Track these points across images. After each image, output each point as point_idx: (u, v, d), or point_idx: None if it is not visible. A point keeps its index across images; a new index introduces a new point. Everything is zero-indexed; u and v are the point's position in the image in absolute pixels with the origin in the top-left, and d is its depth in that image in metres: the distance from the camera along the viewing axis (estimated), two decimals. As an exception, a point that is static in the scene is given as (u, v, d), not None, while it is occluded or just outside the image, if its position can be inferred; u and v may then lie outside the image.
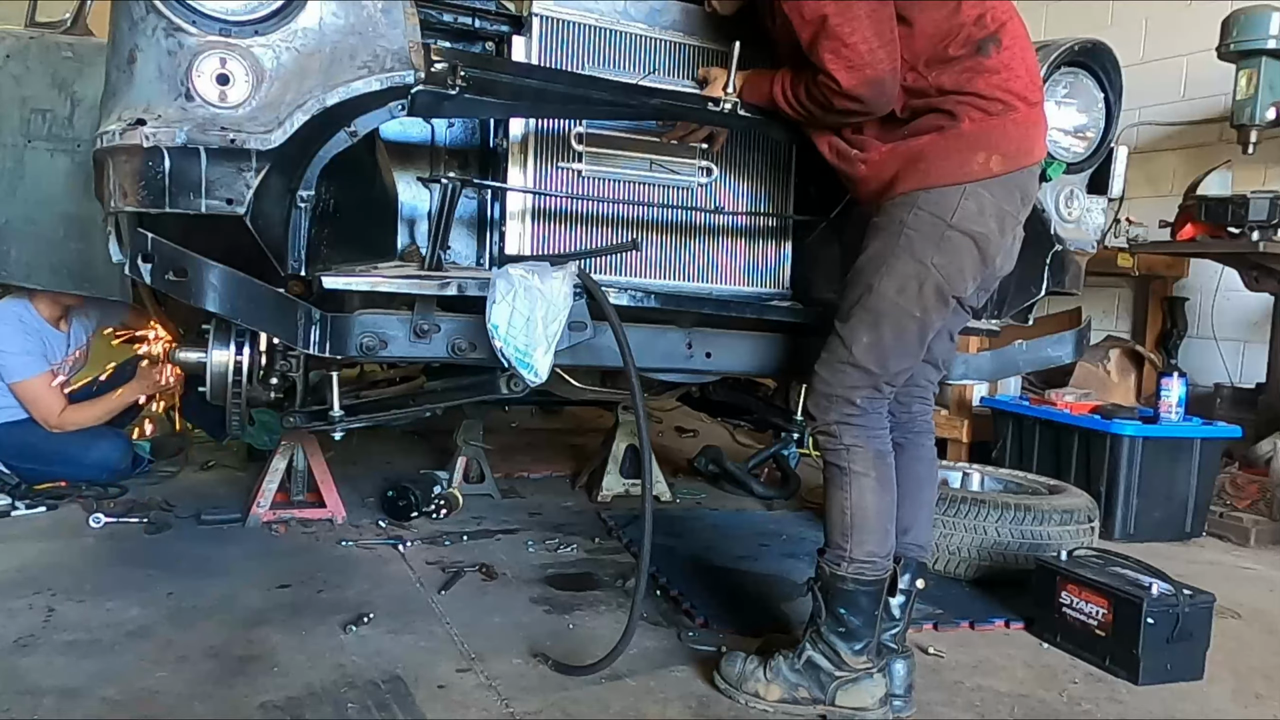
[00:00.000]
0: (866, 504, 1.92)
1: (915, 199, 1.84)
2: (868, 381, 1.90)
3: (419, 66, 1.75)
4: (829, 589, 1.94)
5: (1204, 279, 4.66)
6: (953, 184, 1.82)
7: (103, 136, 1.64)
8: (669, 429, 5.09)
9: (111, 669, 1.98)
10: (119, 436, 3.47)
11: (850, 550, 1.92)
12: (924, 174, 1.83)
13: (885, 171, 1.89)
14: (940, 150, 1.83)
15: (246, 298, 1.75)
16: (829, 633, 1.94)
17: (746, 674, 1.98)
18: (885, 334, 1.87)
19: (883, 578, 1.95)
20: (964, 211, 1.82)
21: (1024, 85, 1.87)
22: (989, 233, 1.85)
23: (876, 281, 1.86)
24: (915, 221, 1.83)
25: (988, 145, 1.82)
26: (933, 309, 1.87)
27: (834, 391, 1.92)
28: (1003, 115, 1.83)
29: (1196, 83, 4.69)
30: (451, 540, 2.95)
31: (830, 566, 1.94)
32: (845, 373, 1.90)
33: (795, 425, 2.75)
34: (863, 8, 1.77)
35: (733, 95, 2.03)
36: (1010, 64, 1.85)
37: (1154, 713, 2.08)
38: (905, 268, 1.84)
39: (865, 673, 1.93)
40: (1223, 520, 3.60)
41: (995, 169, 1.82)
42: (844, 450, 1.93)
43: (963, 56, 1.83)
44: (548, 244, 2.19)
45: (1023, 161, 1.87)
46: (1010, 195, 1.86)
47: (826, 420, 1.93)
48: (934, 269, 1.84)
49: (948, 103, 1.83)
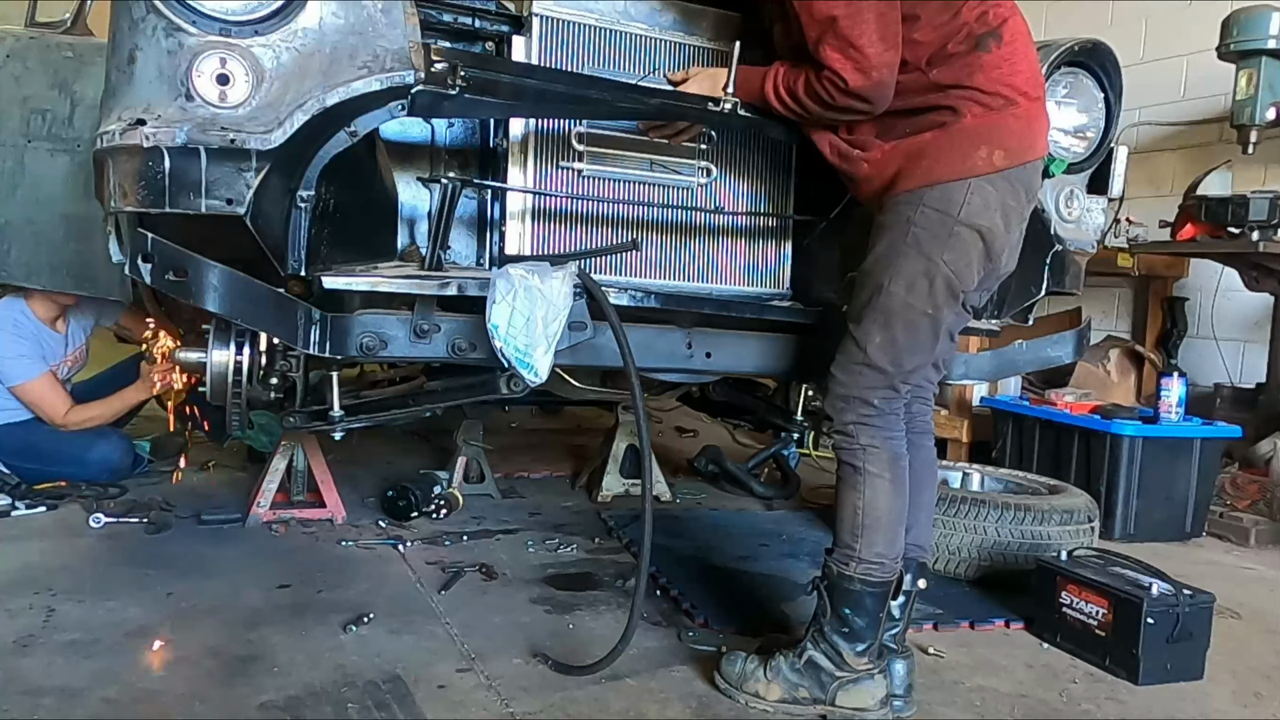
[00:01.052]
0: (879, 505, 1.91)
1: (921, 196, 1.84)
2: (883, 381, 1.90)
3: (419, 66, 1.75)
4: (835, 588, 1.94)
5: (1204, 279, 4.66)
6: (957, 179, 1.82)
7: (103, 136, 1.64)
8: (669, 429, 5.09)
9: (111, 669, 1.98)
10: (120, 436, 3.47)
11: (859, 550, 1.92)
12: (928, 171, 1.83)
13: (888, 169, 1.89)
14: (943, 146, 1.83)
15: (246, 298, 1.76)
16: (832, 633, 1.94)
17: (747, 674, 1.98)
18: (898, 333, 1.87)
19: (889, 580, 1.94)
20: (970, 206, 1.82)
21: (1025, 80, 1.87)
22: (995, 227, 1.85)
23: (887, 281, 1.86)
24: (922, 219, 1.83)
25: (990, 140, 1.82)
26: (944, 305, 1.87)
27: (851, 393, 1.92)
28: (1004, 110, 1.83)
29: (1196, 83, 4.69)
30: (451, 540, 2.95)
31: (838, 566, 1.94)
32: (861, 373, 1.90)
33: (795, 425, 2.75)
34: (872, 9, 1.78)
35: (733, 95, 2.03)
36: (1011, 59, 1.85)
37: (1154, 713, 2.08)
38: (914, 265, 1.84)
39: (866, 673, 1.93)
40: (1223, 520, 3.60)
41: (999, 163, 1.82)
42: (860, 450, 1.92)
43: (962, 52, 1.83)
44: (548, 244, 2.19)
45: (1026, 156, 1.87)
46: (1014, 190, 1.86)
47: (844, 421, 1.93)
48: (943, 265, 1.83)
49: (949, 98, 1.83)
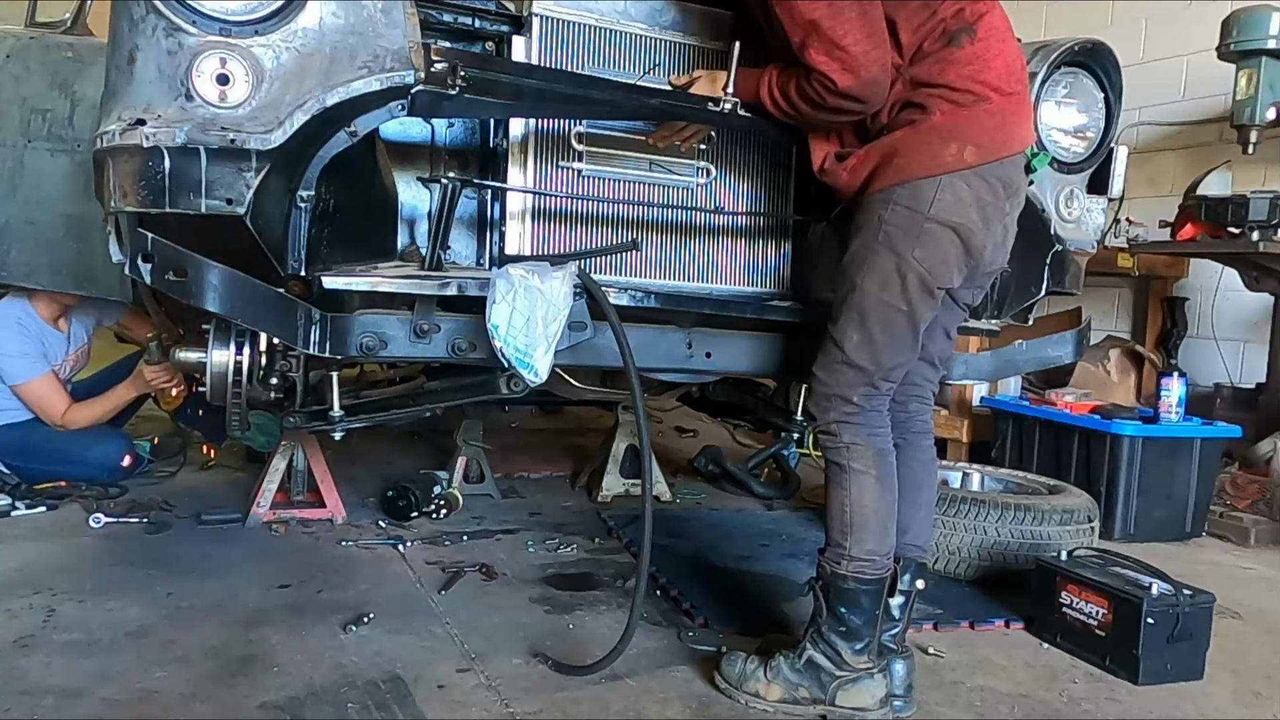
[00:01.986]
0: (866, 502, 1.92)
1: (891, 194, 1.84)
2: (863, 380, 1.91)
3: (419, 66, 1.75)
4: (829, 588, 1.95)
5: (1204, 279, 4.66)
6: (926, 176, 1.82)
7: (103, 136, 1.64)
8: (669, 429, 5.09)
9: (111, 669, 1.98)
10: (119, 435, 3.47)
11: (850, 548, 1.92)
12: (898, 169, 1.84)
13: (862, 170, 1.89)
14: (912, 144, 1.83)
15: (246, 298, 1.75)
16: (830, 632, 1.94)
17: (747, 674, 1.99)
18: (874, 330, 1.88)
19: (883, 576, 1.95)
20: (941, 203, 1.82)
21: (997, 76, 1.86)
22: (970, 224, 1.84)
23: (860, 279, 1.87)
24: (893, 216, 1.84)
25: (960, 136, 1.82)
26: (919, 301, 1.87)
27: (831, 391, 1.93)
28: (974, 106, 1.83)
29: (1196, 83, 4.69)
30: (451, 540, 2.95)
31: (830, 565, 1.95)
32: (840, 372, 1.92)
33: (795, 425, 2.75)
34: (853, 9, 1.77)
35: (733, 95, 2.03)
36: (983, 55, 1.84)
37: (1154, 713, 2.08)
38: (885, 263, 1.85)
39: (866, 673, 1.93)
40: (1223, 520, 3.60)
41: (970, 160, 1.81)
42: (844, 448, 1.93)
43: (936, 50, 1.83)
44: (548, 244, 2.19)
45: (1000, 152, 1.85)
46: (991, 186, 1.85)
47: (826, 420, 1.95)
48: (915, 261, 1.84)
49: (919, 95, 1.84)
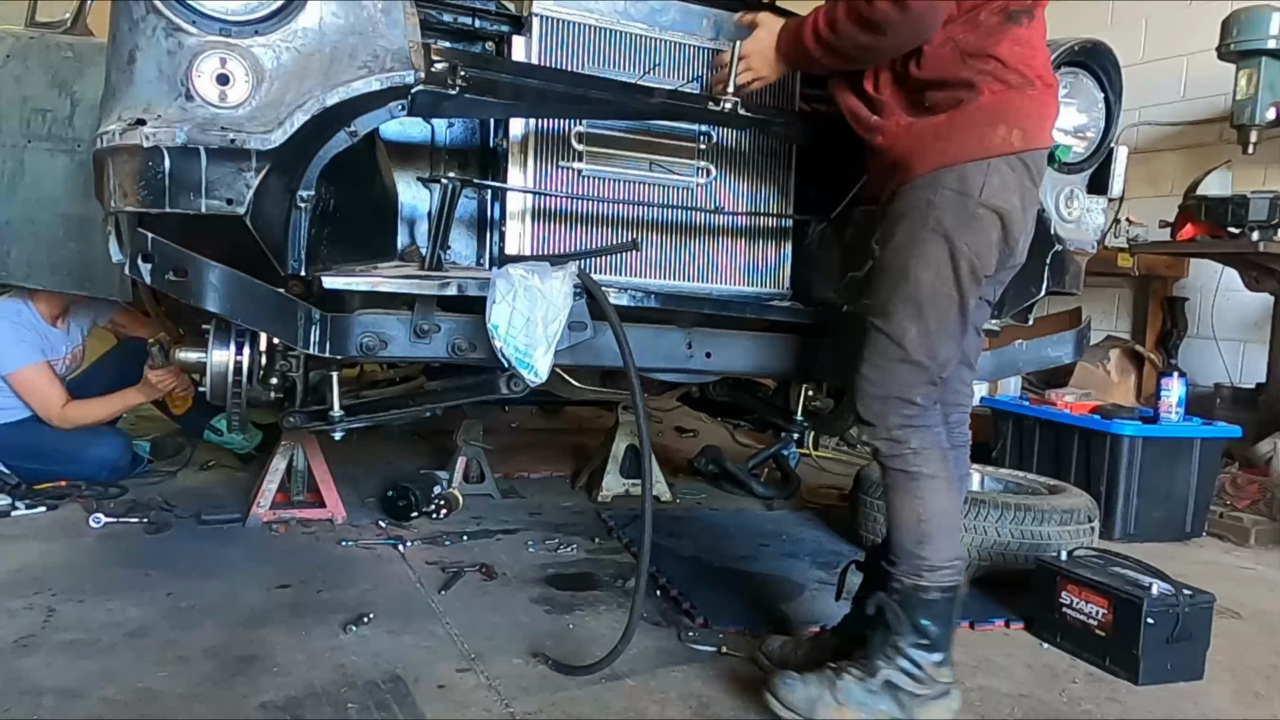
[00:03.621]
0: (941, 508, 1.85)
1: (939, 178, 1.77)
2: (923, 377, 1.82)
3: (419, 66, 1.75)
4: (908, 601, 1.84)
5: (1204, 279, 4.66)
6: (976, 159, 1.76)
7: (103, 136, 1.65)
8: (669, 429, 5.09)
9: (111, 669, 1.97)
10: (119, 435, 3.47)
11: (929, 558, 1.83)
12: (943, 151, 1.77)
13: (900, 147, 1.83)
14: (961, 125, 1.77)
15: (246, 298, 1.76)
16: (910, 647, 1.83)
17: (813, 698, 1.84)
18: (931, 322, 1.80)
19: (959, 581, 1.87)
20: (990, 187, 1.76)
21: (1042, 65, 1.83)
22: (1013, 209, 1.79)
23: (912, 268, 1.79)
24: (942, 201, 1.77)
25: (1007, 119, 1.77)
26: (969, 289, 1.80)
27: (890, 393, 1.82)
28: (1021, 90, 1.78)
29: (1196, 83, 4.69)
30: (451, 540, 2.95)
31: (911, 579, 1.84)
32: (898, 371, 1.82)
33: (795, 425, 2.75)
34: None
35: (733, 95, 2.03)
36: (1034, 41, 1.81)
37: (1154, 713, 2.08)
38: (938, 250, 1.77)
39: (945, 688, 1.83)
40: (1223, 520, 3.60)
41: (1017, 144, 1.77)
42: (911, 454, 1.84)
43: (994, 24, 1.77)
44: (548, 244, 2.19)
45: (1041, 140, 1.83)
46: (1030, 173, 1.81)
47: (889, 426, 1.84)
48: (965, 248, 1.77)
49: (968, 70, 1.77)
